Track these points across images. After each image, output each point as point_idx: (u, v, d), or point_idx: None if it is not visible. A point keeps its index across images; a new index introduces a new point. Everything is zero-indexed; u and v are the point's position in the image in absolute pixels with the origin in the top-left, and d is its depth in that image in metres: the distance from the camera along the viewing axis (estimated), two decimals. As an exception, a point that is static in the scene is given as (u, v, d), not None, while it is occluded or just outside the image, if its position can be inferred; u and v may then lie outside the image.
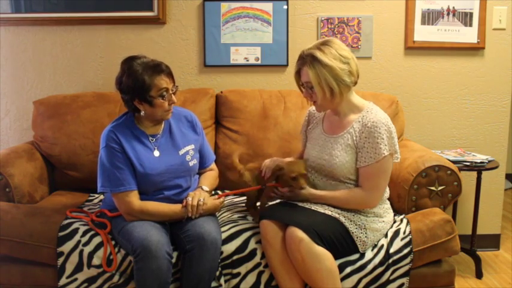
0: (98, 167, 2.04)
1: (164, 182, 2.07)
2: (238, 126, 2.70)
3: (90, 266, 2.01)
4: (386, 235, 2.08)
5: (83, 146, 2.60)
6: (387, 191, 2.13)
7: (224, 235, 2.05)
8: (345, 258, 2.00)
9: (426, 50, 2.96)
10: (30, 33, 2.91)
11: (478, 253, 2.78)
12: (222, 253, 2.01)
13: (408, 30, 2.92)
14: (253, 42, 2.91)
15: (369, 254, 2.02)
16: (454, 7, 2.91)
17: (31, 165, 2.48)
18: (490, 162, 2.68)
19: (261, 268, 2.04)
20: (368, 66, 2.95)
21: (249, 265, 2.04)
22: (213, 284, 2.00)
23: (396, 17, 2.93)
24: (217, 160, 2.60)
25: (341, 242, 1.97)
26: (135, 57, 2.03)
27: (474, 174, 2.77)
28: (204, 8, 2.88)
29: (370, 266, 2.00)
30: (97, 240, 2.04)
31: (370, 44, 2.94)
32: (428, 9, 2.92)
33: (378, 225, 2.04)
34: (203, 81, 2.96)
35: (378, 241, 2.06)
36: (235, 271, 2.04)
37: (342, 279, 1.98)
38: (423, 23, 2.92)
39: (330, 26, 2.91)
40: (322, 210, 2.03)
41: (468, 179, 2.91)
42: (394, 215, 2.18)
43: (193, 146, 2.18)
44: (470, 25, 2.93)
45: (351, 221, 2.00)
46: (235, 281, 2.04)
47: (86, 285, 2.03)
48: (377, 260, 2.01)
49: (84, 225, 2.11)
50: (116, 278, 2.01)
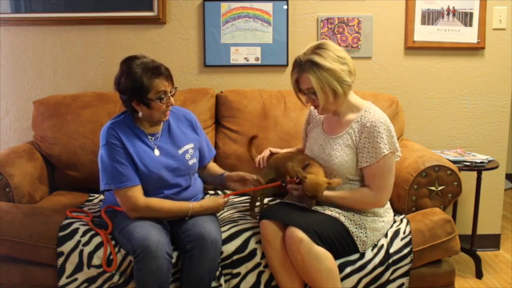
0: (100, 165, 2.04)
1: (164, 181, 2.07)
2: (238, 126, 2.70)
3: (90, 266, 2.01)
4: (386, 235, 2.08)
5: (83, 146, 2.60)
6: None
7: (224, 235, 2.05)
8: (344, 258, 2.00)
9: (426, 50, 2.96)
10: (30, 33, 2.91)
11: (478, 253, 2.78)
12: (222, 253, 2.01)
13: (408, 30, 2.92)
14: (253, 42, 2.91)
15: (368, 254, 2.02)
16: (454, 7, 2.92)
17: (31, 165, 2.48)
18: (490, 162, 2.68)
19: (261, 268, 2.04)
20: (368, 66, 2.95)
21: (249, 265, 2.04)
22: (213, 284, 2.00)
23: (396, 17, 2.94)
24: (218, 160, 2.61)
25: (341, 242, 1.97)
26: (135, 58, 2.02)
27: (474, 174, 2.77)
28: (204, 8, 2.88)
29: (370, 266, 2.01)
30: (97, 240, 2.04)
31: (370, 44, 2.94)
32: (428, 9, 2.92)
33: (378, 224, 2.05)
34: (203, 81, 2.96)
35: (378, 241, 2.06)
36: (235, 271, 2.04)
37: (342, 279, 1.98)
38: (423, 23, 2.92)
39: (330, 26, 2.91)
40: (321, 210, 2.03)
41: (468, 179, 2.91)
42: (394, 215, 2.18)
43: (192, 145, 2.19)
44: (470, 25, 2.93)
45: (351, 220, 2.00)
46: (235, 281, 2.04)
47: (86, 285, 2.02)
48: (377, 260, 2.01)
49: (84, 225, 2.10)
50: (116, 278, 2.01)
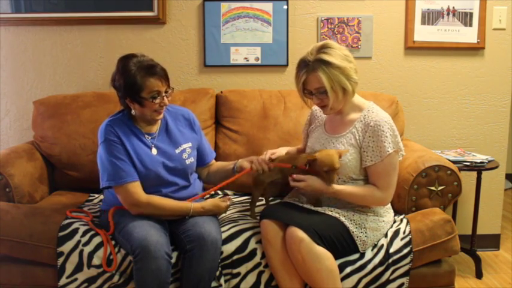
0: (99, 163, 2.04)
1: (161, 179, 2.08)
2: (238, 126, 2.70)
3: (90, 266, 2.01)
4: (386, 235, 2.08)
5: (83, 146, 2.60)
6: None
7: (224, 235, 2.05)
8: (345, 258, 2.00)
9: (426, 50, 2.96)
10: (30, 33, 2.91)
11: (478, 253, 2.77)
12: (222, 253, 2.01)
13: (408, 30, 2.92)
14: (253, 42, 2.91)
15: (368, 254, 2.02)
16: (454, 7, 2.91)
17: (31, 165, 2.48)
18: (490, 162, 2.68)
19: (261, 268, 2.04)
20: (368, 66, 2.95)
21: (249, 265, 2.04)
22: (213, 284, 2.00)
23: (396, 17, 2.93)
24: (218, 160, 2.60)
25: (341, 241, 1.97)
26: (132, 56, 2.03)
27: (474, 174, 2.77)
28: (204, 8, 2.88)
29: (370, 266, 2.01)
30: (97, 240, 2.04)
31: (370, 44, 2.94)
32: (428, 9, 2.92)
33: (378, 224, 2.05)
34: (203, 81, 2.96)
35: (378, 241, 2.06)
36: (235, 271, 2.04)
37: (342, 279, 1.98)
38: (423, 23, 2.92)
39: (330, 26, 2.91)
40: (321, 210, 2.04)
41: (468, 179, 2.91)
42: (394, 215, 2.18)
43: (190, 144, 2.19)
44: (470, 25, 2.93)
45: (351, 220, 2.00)
46: (235, 281, 2.04)
47: (86, 285, 2.03)
48: (377, 260, 2.01)
49: (84, 225, 2.11)
50: (116, 278, 2.01)
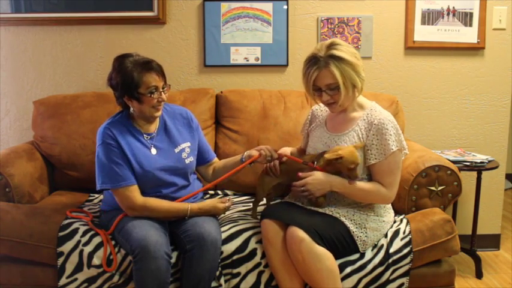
0: (96, 165, 2.05)
1: (161, 180, 2.08)
2: (238, 126, 2.70)
3: (90, 266, 2.01)
4: (386, 235, 2.08)
5: (83, 146, 2.60)
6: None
7: (224, 235, 2.05)
8: (345, 258, 2.00)
9: (426, 50, 2.96)
10: (30, 33, 2.91)
11: (478, 253, 2.78)
12: (222, 253, 2.01)
13: (408, 30, 2.92)
14: (253, 42, 2.91)
15: (368, 254, 2.02)
16: (454, 7, 2.91)
17: (31, 165, 2.48)
18: (490, 162, 2.68)
19: (261, 268, 2.04)
20: (368, 66, 2.94)
21: (249, 265, 2.04)
22: (213, 284, 2.00)
23: (396, 17, 2.93)
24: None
25: (341, 241, 1.97)
26: (127, 55, 2.04)
27: (474, 174, 2.77)
28: (204, 8, 2.88)
29: (370, 266, 2.01)
30: (97, 240, 2.04)
31: (370, 44, 2.94)
32: (428, 9, 2.92)
33: (378, 224, 2.05)
34: (203, 81, 2.96)
35: (378, 241, 2.06)
36: (235, 271, 2.04)
37: (342, 279, 1.98)
38: (423, 23, 2.92)
39: (330, 26, 2.91)
40: (322, 210, 2.04)
41: (468, 179, 2.91)
42: (394, 215, 2.18)
43: (189, 144, 2.18)
44: (470, 25, 2.93)
45: (351, 220, 2.00)
46: (235, 281, 2.04)
47: (86, 285, 2.03)
48: (377, 260, 2.01)
49: (84, 225, 2.11)
50: (116, 278, 2.01)
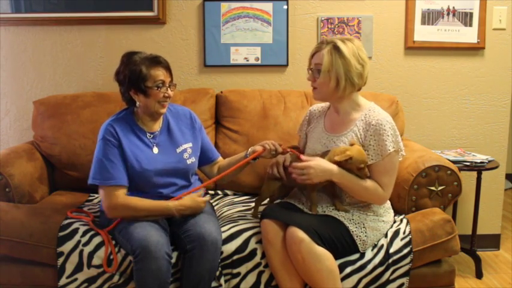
0: (93, 159, 2.06)
1: (161, 180, 2.08)
2: (238, 126, 2.70)
3: (90, 266, 2.01)
4: (386, 235, 2.08)
5: (83, 146, 2.60)
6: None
7: (224, 235, 2.05)
8: (345, 258, 2.00)
9: (426, 50, 2.96)
10: (30, 33, 2.91)
11: (478, 253, 2.78)
12: (222, 253, 2.01)
13: (408, 30, 2.92)
14: (253, 42, 2.91)
15: (368, 254, 2.02)
16: (454, 7, 2.91)
17: (31, 165, 2.48)
18: (490, 162, 2.68)
19: (261, 268, 2.04)
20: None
21: (249, 265, 2.04)
22: (213, 284, 2.00)
23: (396, 17, 2.93)
24: (217, 160, 2.61)
25: (341, 241, 1.97)
26: (136, 52, 2.08)
27: (474, 174, 2.77)
28: (204, 8, 2.88)
29: (370, 266, 2.01)
30: (97, 240, 2.04)
31: (370, 44, 2.94)
32: (428, 9, 2.92)
33: (378, 224, 2.05)
34: (203, 81, 2.96)
35: (378, 241, 2.06)
36: (235, 271, 2.04)
37: (342, 279, 1.98)
38: (423, 23, 2.92)
39: (330, 26, 2.91)
40: (321, 210, 2.04)
41: (468, 179, 2.91)
42: (394, 215, 2.18)
43: (191, 144, 2.19)
44: (470, 25, 2.93)
45: (351, 220, 2.00)
46: (235, 281, 2.04)
47: (86, 285, 2.03)
48: (377, 260, 2.01)
49: (84, 225, 2.11)
50: (116, 278, 2.01)
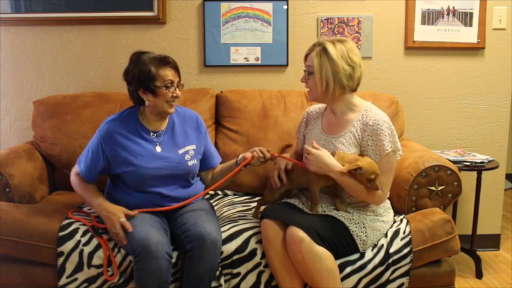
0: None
1: (159, 179, 2.08)
2: (238, 126, 2.70)
3: (90, 265, 2.01)
4: (386, 235, 2.08)
5: (83, 146, 2.55)
6: (387, 190, 2.14)
7: (224, 235, 2.05)
8: (345, 258, 2.00)
9: (426, 50, 2.96)
10: (30, 33, 2.91)
11: (478, 253, 2.78)
12: (222, 253, 2.01)
13: (408, 30, 2.92)
14: (253, 42, 2.91)
15: (368, 254, 2.02)
16: (454, 7, 2.92)
17: (31, 165, 2.48)
18: (490, 162, 2.68)
19: (261, 268, 2.04)
20: (368, 66, 2.94)
21: (249, 265, 2.04)
22: (213, 284, 2.00)
23: (396, 17, 2.94)
24: (218, 160, 2.61)
25: (341, 241, 1.97)
26: (145, 51, 2.11)
27: (474, 174, 2.77)
28: (204, 8, 2.88)
29: (370, 266, 2.01)
30: (97, 240, 2.04)
31: (370, 44, 2.94)
32: (428, 9, 2.92)
33: (378, 224, 2.05)
34: (203, 81, 2.96)
35: (378, 241, 2.06)
36: (235, 271, 2.04)
37: (342, 279, 1.98)
38: (423, 23, 2.92)
39: (330, 26, 2.91)
40: (321, 210, 2.04)
41: (468, 179, 2.91)
42: (394, 215, 2.18)
43: (194, 147, 2.19)
44: (470, 25, 2.93)
45: (351, 220, 2.00)
46: (235, 281, 2.04)
47: (86, 285, 2.03)
48: (377, 260, 2.01)
49: (84, 225, 2.11)
50: (116, 278, 2.01)
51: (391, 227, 2.12)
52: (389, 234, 2.08)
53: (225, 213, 2.30)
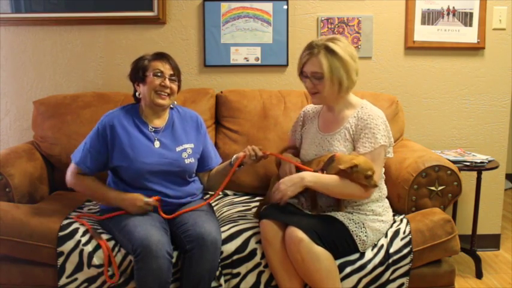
0: None
1: (156, 174, 2.09)
2: (238, 126, 2.70)
3: (90, 265, 2.01)
4: (386, 235, 2.08)
5: (83, 146, 2.60)
6: (385, 189, 2.14)
7: (224, 235, 2.05)
8: (344, 258, 2.00)
9: (426, 50, 2.96)
10: (30, 33, 2.91)
11: (478, 253, 2.78)
12: (222, 253, 2.01)
13: (408, 30, 2.92)
14: (253, 42, 2.91)
15: (368, 254, 2.02)
16: (454, 7, 2.92)
17: (31, 165, 2.48)
18: (490, 162, 2.68)
19: (261, 268, 2.04)
20: (368, 66, 2.95)
21: (249, 265, 2.04)
22: (213, 284, 2.00)
23: (396, 17, 2.94)
24: (218, 160, 2.60)
25: (341, 241, 1.97)
26: (149, 54, 2.19)
27: (474, 174, 2.77)
28: (204, 8, 2.88)
29: (370, 266, 2.00)
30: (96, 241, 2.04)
31: (370, 44, 2.94)
32: (428, 9, 2.92)
33: (377, 224, 2.04)
34: (203, 81, 2.96)
35: (378, 241, 2.06)
36: (235, 271, 2.04)
37: (342, 279, 1.98)
38: (423, 23, 2.92)
39: (330, 26, 2.91)
40: (321, 210, 2.04)
41: (468, 179, 2.91)
42: (393, 215, 2.18)
43: (192, 146, 2.19)
44: (470, 25, 2.93)
45: (350, 220, 2.00)
46: (235, 281, 2.05)
47: (86, 285, 2.03)
48: (377, 260, 2.01)
49: (84, 225, 2.11)
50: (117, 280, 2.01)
51: (391, 226, 2.12)
52: (389, 234, 2.08)
53: (225, 213, 2.30)
